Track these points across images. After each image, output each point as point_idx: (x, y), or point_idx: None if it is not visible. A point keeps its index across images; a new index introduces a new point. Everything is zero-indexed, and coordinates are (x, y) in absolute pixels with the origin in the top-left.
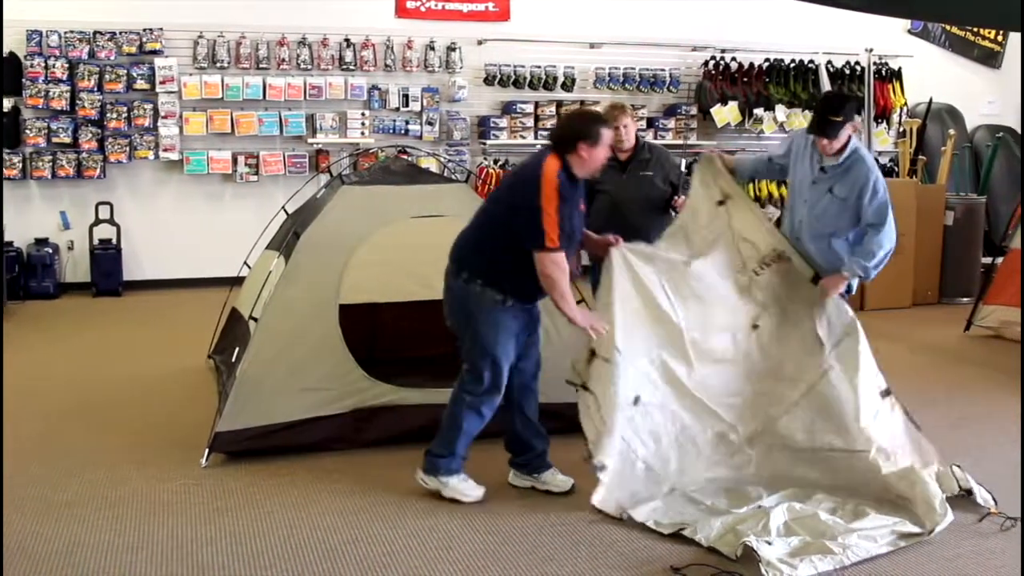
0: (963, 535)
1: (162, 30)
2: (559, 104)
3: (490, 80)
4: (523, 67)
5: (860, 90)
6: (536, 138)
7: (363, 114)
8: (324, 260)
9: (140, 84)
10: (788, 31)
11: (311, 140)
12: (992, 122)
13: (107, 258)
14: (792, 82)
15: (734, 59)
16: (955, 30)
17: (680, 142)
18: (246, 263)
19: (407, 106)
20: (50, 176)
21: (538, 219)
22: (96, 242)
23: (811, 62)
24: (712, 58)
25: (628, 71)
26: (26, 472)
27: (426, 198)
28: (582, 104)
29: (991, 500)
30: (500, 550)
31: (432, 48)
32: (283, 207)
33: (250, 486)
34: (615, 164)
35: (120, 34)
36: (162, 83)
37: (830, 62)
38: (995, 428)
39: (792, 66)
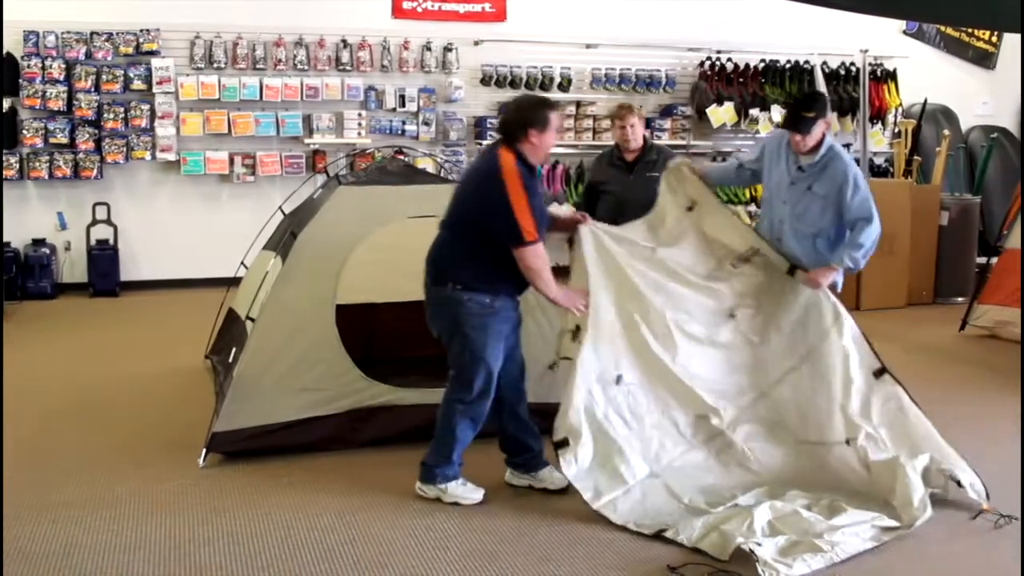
0: (958, 534)
1: (159, 31)
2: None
3: (486, 80)
4: (519, 68)
5: (855, 91)
6: None
7: (360, 114)
8: (321, 260)
9: (137, 85)
10: (783, 32)
11: (308, 140)
12: (987, 123)
13: (104, 259)
14: (788, 83)
15: (730, 60)
16: (949, 31)
17: (677, 142)
18: (243, 263)
19: (404, 106)
20: (47, 176)
21: (511, 216)
22: (93, 243)
23: (806, 63)
24: (708, 59)
25: (624, 72)
26: (23, 473)
27: (423, 198)
28: (578, 106)
29: (983, 492)
30: (497, 550)
31: (429, 49)
32: (280, 207)
33: (247, 486)
34: (622, 164)
35: (117, 35)
36: (159, 83)
37: (825, 63)
38: (991, 427)
39: (787, 67)
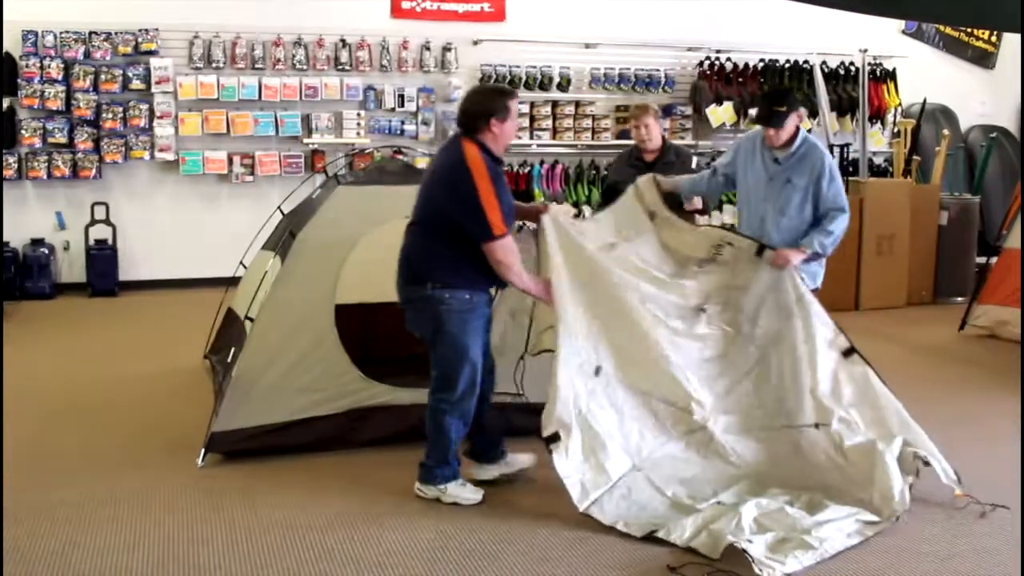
0: (958, 534)
1: (158, 30)
2: (555, 104)
3: (486, 80)
4: (519, 67)
5: (855, 91)
6: (532, 138)
7: (359, 114)
8: (320, 260)
9: (136, 84)
10: (783, 31)
11: (307, 140)
12: (986, 122)
13: (103, 258)
14: (787, 82)
15: (729, 59)
16: (949, 31)
17: (676, 143)
18: (242, 263)
19: (403, 106)
20: (46, 176)
21: (480, 212)
22: (92, 242)
23: (806, 62)
24: (707, 58)
25: (624, 71)
26: (22, 473)
27: None
28: (577, 105)
29: (952, 475)
30: (496, 550)
31: (428, 48)
32: (279, 207)
33: (246, 486)
34: (640, 164)
35: (116, 34)
36: (158, 83)
37: (824, 62)
38: (990, 426)
39: (787, 66)
